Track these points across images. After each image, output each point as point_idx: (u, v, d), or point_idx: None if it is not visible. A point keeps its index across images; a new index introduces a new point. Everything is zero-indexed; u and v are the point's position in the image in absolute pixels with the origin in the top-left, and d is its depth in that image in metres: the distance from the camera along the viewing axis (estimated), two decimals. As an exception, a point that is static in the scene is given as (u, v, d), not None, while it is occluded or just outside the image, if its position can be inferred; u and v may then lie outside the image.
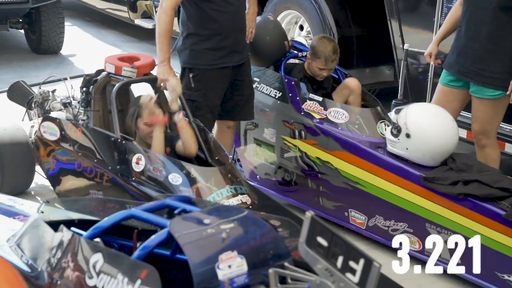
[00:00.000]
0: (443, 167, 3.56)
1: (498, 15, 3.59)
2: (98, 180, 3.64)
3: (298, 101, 4.10)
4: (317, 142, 3.98)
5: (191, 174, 3.28)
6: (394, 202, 3.64)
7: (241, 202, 3.22)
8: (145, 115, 3.48)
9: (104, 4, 8.69)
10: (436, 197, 3.48)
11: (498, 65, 3.62)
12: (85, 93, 3.85)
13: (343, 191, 3.90)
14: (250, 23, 4.09)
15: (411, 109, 3.66)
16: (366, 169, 3.76)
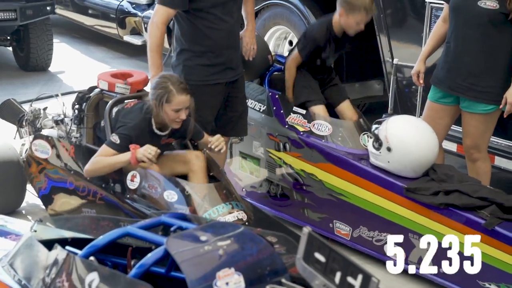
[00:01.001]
0: (424, 178, 3.56)
1: (489, 30, 3.54)
2: (91, 198, 3.56)
3: (282, 114, 4.07)
4: (302, 155, 3.95)
5: (187, 191, 3.23)
6: (378, 212, 3.62)
7: (237, 218, 3.18)
8: (174, 102, 3.29)
9: (93, 21, 8.61)
10: (418, 207, 3.46)
11: (490, 79, 3.59)
12: (78, 110, 3.80)
13: (327, 203, 3.87)
14: (251, 40, 4.06)
15: (391, 122, 3.65)
16: (350, 181, 3.74)
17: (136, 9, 7.76)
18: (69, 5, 9.00)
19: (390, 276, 3.40)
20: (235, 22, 3.81)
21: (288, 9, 5.64)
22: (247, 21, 4.08)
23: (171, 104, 3.27)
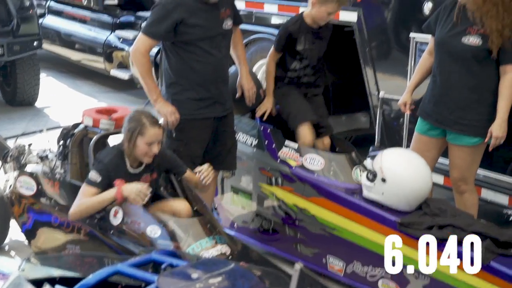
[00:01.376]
0: (418, 212, 3.57)
1: (473, 66, 3.62)
2: (76, 233, 3.55)
3: (274, 149, 4.08)
4: (294, 189, 3.95)
5: (170, 226, 3.23)
6: (371, 247, 3.61)
7: (220, 252, 3.17)
8: (148, 135, 3.33)
9: (80, 56, 8.68)
10: (412, 242, 3.44)
11: (476, 113, 3.65)
12: (62, 146, 3.82)
13: (320, 238, 3.86)
14: (249, 86, 4.11)
15: (386, 154, 3.67)
16: (343, 215, 3.74)
17: (123, 43, 7.85)
18: (56, 40, 9.09)
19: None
20: (223, 57, 3.85)
21: (275, 43, 5.76)
22: (239, 66, 4.13)
23: (144, 136, 3.32)
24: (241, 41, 4.18)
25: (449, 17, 3.69)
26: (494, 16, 3.46)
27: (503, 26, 3.46)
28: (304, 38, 4.11)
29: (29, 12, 7.45)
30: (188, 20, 3.66)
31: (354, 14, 4.97)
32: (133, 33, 7.77)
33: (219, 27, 3.79)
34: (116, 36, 8.10)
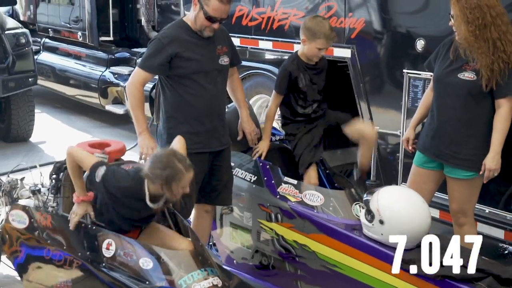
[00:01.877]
0: (419, 248, 3.49)
1: (468, 101, 3.71)
2: (68, 267, 3.56)
3: (273, 185, 4.10)
4: (294, 225, 3.95)
5: (162, 258, 3.24)
6: (373, 284, 3.61)
7: (212, 284, 3.17)
8: (184, 181, 3.27)
9: (74, 91, 8.74)
10: (414, 279, 3.43)
11: (472, 147, 3.73)
12: (55, 180, 3.83)
13: (321, 274, 3.85)
14: (251, 128, 4.20)
15: (382, 195, 3.66)
16: (344, 252, 3.73)
17: (118, 79, 7.92)
18: (51, 76, 9.16)
19: None
20: (218, 91, 3.90)
21: (269, 79, 5.85)
22: (240, 109, 4.20)
23: (180, 182, 3.26)
24: (241, 85, 4.26)
25: (447, 54, 3.80)
26: (484, 52, 3.58)
27: (493, 61, 3.57)
28: (303, 75, 4.20)
29: (25, 49, 7.50)
30: (183, 54, 3.74)
31: (348, 51, 5.09)
32: (128, 69, 7.87)
33: (215, 62, 3.85)
34: (111, 72, 8.18)
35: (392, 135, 4.66)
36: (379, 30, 4.92)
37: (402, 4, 4.75)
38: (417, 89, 4.60)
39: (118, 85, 7.87)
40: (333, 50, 5.19)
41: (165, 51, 3.73)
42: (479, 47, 3.59)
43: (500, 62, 3.57)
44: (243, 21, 5.96)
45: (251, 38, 5.89)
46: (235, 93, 4.20)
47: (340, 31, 5.14)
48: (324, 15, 5.22)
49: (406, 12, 4.74)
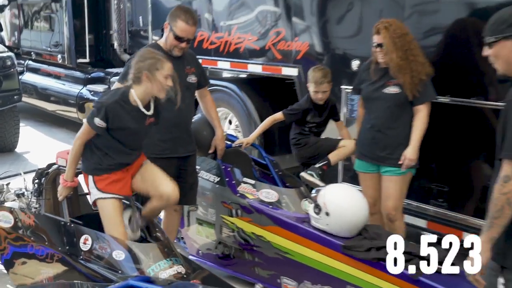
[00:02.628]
0: (358, 236, 3.61)
1: (395, 111, 3.84)
2: (49, 260, 3.50)
3: (233, 184, 4.11)
4: (252, 219, 3.97)
5: (133, 250, 3.22)
6: (320, 268, 3.64)
7: (176, 272, 3.16)
8: (166, 68, 3.23)
9: (55, 107, 8.62)
10: (354, 263, 3.50)
11: (401, 148, 3.83)
12: (38, 184, 3.78)
13: (275, 261, 3.87)
14: (222, 145, 4.22)
15: (328, 191, 3.72)
16: (294, 241, 3.76)
17: (94, 95, 7.84)
18: (33, 93, 9.01)
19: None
20: (185, 105, 3.86)
21: (228, 94, 5.85)
22: (216, 128, 4.20)
23: (163, 69, 3.22)
24: (214, 105, 4.24)
25: (368, 76, 3.95)
26: (407, 71, 3.73)
27: (412, 77, 3.72)
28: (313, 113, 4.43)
29: (10, 70, 7.39)
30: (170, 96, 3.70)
31: (295, 69, 5.13)
32: (102, 87, 7.79)
33: (183, 80, 3.84)
34: (87, 90, 8.09)
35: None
36: (320, 52, 4.97)
37: (340, 30, 4.81)
38: (353, 102, 4.66)
39: (93, 101, 7.79)
40: (282, 69, 5.25)
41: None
42: (405, 68, 3.73)
43: (416, 78, 3.73)
44: (204, 44, 5.97)
45: (211, 59, 5.90)
46: (210, 113, 4.20)
47: (288, 53, 5.20)
48: (274, 40, 5.30)
49: (343, 36, 4.81)
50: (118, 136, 3.31)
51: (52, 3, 8.32)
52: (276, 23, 5.31)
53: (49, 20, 8.53)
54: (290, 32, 5.18)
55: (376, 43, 3.80)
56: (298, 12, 5.10)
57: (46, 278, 3.48)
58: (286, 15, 5.21)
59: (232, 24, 5.69)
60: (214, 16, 5.91)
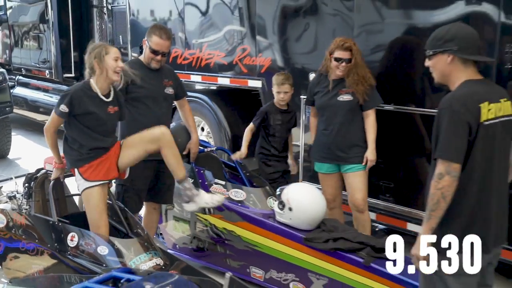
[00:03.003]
0: (317, 229, 3.64)
1: (349, 116, 3.91)
2: (39, 255, 3.44)
3: (206, 185, 4.09)
4: (223, 216, 3.96)
5: (116, 245, 3.20)
6: (284, 258, 3.66)
7: (155, 264, 3.15)
8: (112, 52, 3.28)
9: (43, 117, 8.43)
10: (314, 253, 3.52)
11: (360, 147, 3.91)
12: (28, 187, 3.73)
13: (244, 253, 3.87)
14: (196, 149, 4.17)
15: (291, 189, 3.73)
16: (261, 234, 3.77)
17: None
18: (24, 105, 8.86)
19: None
20: (163, 114, 3.86)
21: (200, 104, 5.82)
22: (192, 134, 4.17)
23: (110, 53, 3.27)
24: (191, 114, 4.20)
25: (321, 88, 3.98)
26: (359, 81, 3.81)
27: (363, 84, 3.81)
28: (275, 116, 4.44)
29: (2, 85, 7.29)
30: (136, 82, 3.69)
31: (260, 82, 5.15)
32: (87, 99, 7.68)
33: (161, 91, 3.85)
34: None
35: (294, 145, 4.73)
36: (281, 66, 4.99)
37: (298, 46, 4.83)
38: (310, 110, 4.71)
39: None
40: (248, 81, 5.26)
41: (123, 79, 3.68)
42: (356, 78, 3.81)
43: (365, 87, 3.82)
44: (178, 60, 5.94)
45: (185, 73, 5.87)
46: (188, 121, 4.17)
47: (253, 67, 5.22)
48: (240, 55, 5.31)
49: (301, 52, 4.83)
50: (85, 121, 3.30)
51: (40, 24, 8.19)
52: (242, 41, 5.32)
53: (38, 39, 8.39)
54: (254, 49, 5.19)
55: (346, 58, 3.82)
56: (262, 31, 5.12)
57: (36, 272, 3.42)
58: (251, 34, 5.22)
59: (203, 42, 5.68)
60: (187, 35, 5.89)
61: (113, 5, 7.19)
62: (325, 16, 4.57)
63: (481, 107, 2.32)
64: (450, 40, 2.42)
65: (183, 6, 5.90)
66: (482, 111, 2.32)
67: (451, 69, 2.45)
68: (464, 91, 2.37)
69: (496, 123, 2.38)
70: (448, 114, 2.31)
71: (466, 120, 2.29)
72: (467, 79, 2.43)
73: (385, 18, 4.18)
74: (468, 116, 2.29)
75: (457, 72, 2.44)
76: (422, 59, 3.87)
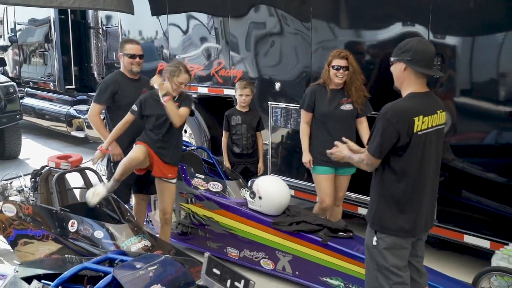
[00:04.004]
0: (283, 215, 3.64)
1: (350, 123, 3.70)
2: (45, 240, 3.38)
3: (188, 179, 4.05)
4: (203, 205, 3.93)
5: (110, 229, 3.15)
6: (255, 239, 3.66)
7: (144, 245, 3.11)
8: (181, 78, 3.38)
9: (48, 123, 8.37)
10: (281, 234, 3.52)
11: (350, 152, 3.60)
12: (34, 181, 3.67)
13: (222, 236, 3.85)
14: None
15: (260, 181, 3.72)
16: (236, 220, 3.76)
17: (79, 113, 7.71)
18: (32, 113, 8.72)
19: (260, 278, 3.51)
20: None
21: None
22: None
23: (179, 78, 3.36)
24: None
25: (322, 97, 3.67)
26: (360, 88, 3.63)
27: (360, 95, 3.63)
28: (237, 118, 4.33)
29: (13, 96, 7.12)
30: (119, 90, 3.70)
31: (233, 90, 5.03)
32: (86, 107, 7.59)
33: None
34: (74, 109, 7.88)
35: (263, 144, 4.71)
36: (252, 77, 4.96)
37: (265, 60, 4.81)
38: (277, 114, 4.69)
39: (79, 117, 7.63)
40: (223, 90, 5.22)
41: (109, 89, 3.69)
42: (356, 88, 3.62)
43: (361, 95, 3.66)
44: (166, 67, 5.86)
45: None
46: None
47: (227, 78, 5.19)
48: (216, 68, 5.27)
49: (268, 65, 4.81)
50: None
51: (45, 43, 8.08)
52: (218, 55, 5.28)
53: (43, 56, 8.26)
54: (228, 62, 5.16)
55: (344, 66, 3.59)
56: (234, 47, 5.10)
57: (43, 254, 3.35)
58: (225, 49, 5.19)
59: (184, 57, 5.62)
60: (171, 51, 5.83)
61: (107, 27, 7.13)
62: (288, 34, 4.56)
63: (415, 120, 2.33)
64: (407, 51, 2.40)
65: (167, 27, 5.84)
66: (416, 123, 2.34)
67: (404, 77, 2.43)
68: (403, 105, 2.38)
69: (429, 132, 2.39)
70: (383, 121, 2.34)
71: (397, 130, 2.32)
72: (413, 91, 2.42)
73: (337, 36, 4.19)
74: (399, 127, 2.32)
75: (408, 81, 2.42)
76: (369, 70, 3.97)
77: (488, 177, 3.46)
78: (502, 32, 3.30)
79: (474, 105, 3.47)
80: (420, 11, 3.63)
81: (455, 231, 3.63)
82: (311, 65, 4.36)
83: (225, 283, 1.86)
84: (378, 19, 3.89)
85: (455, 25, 3.50)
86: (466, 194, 3.58)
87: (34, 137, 8.85)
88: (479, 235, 3.50)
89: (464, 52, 3.48)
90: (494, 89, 3.36)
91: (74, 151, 7.30)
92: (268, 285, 3.54)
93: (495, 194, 3.43)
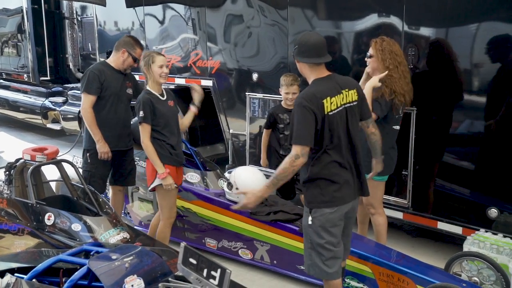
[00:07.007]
0: (261, 204, 3.57)
1: None
2: (20, 234, 3.29)
3: (166, 171, 4.03)
4: (181, 196, 3.89)
5: (87, 222, 3.10)
6: (233, 229, 3.65)
7: (122, 237, 3.08)
8: (157, 61, 3.30)
9: (24, 115, 8.17)
10: (258, 224, 3.53)
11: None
12: (8, 174, 3.58)
13: (200, 226, 3.84)
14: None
15: (237, 172, 3.72)
16: (214, 210, 3.75)
17: (54, 105, 7.54)
18: (6, 105, 8.53)
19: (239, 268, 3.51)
20: (126, 110, 3.79)
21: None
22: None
23: (156, 62, 3.29)
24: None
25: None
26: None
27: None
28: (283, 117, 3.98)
29: (-15, 88, 6.94)
30: (105, 82, 3.65)
31: (211, 81, 5.10)
32: (61, 98, 7.48)
33: (123, 90, 3.77)
34: (49, 101, 7.72)
35: (241, 135, 4.70)
36: (230, 68, 4.95)
37: (243, 51, 4.80)
38: (255, 105, 4.70)
39: (54, 110, 7.47)
40: (201, 81, 5.18)
41: (98, 78, 3.63)
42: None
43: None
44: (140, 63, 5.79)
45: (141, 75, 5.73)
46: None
47: (205, 69, 5.15)
48: (194, 59, 5.23)
49: (246, 56, 4.79)
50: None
51: (18, 34, 7.87)
52: (195, 47, 5.24)
53: (16, 47, 8.04)
54: (206, 53, 5.12)
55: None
56: (212, 38, 5.06)
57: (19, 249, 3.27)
58: (203, 40, 5.14)
59: (162, 48, 5.55)
60: (147, 42, 5.75)
61: (82, 17, 7.00)
62: (265, 25, 4.55)
63: (324, 102, 2.44)
64: (294, 46, 2.58)
65: (143, 17, 5.75)
66: (325, 105, 2.44)
67: (301, 68, 2.57)
68: (311, 91, 2.48)
69: (340, 111, 2.48)
70: (299, 109, 2.42)
71: (313, 112, 2.40)
72: (315, 78, 2.53)
73: (314, 27, 4.19)
74: (314, 108, 2.41)
75: (306, 71, 2.56)
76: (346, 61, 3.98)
77: (461, 165, 3.53)
78: (475, 23, 3.34)
79: (447, 94, 3.52)
80: (394, 2, 3.65)
81: (429, 218, 3.69)
82: (288, 56, 4.36)
83: (202, 273, 1.85)
84: (353, 10, 3.90)
85: (429, 16, 3.53)
86: (439, 182, 3.64)
87: (8, 130, 8.66)
88: (451, 222, 3.57)
89: (437, 42, 3.52)
90: (467, 79, 3.41)
91: (50, 144, 7.15)
92: (247, 274, 3.55)
93: (467, 182, 3.50)
